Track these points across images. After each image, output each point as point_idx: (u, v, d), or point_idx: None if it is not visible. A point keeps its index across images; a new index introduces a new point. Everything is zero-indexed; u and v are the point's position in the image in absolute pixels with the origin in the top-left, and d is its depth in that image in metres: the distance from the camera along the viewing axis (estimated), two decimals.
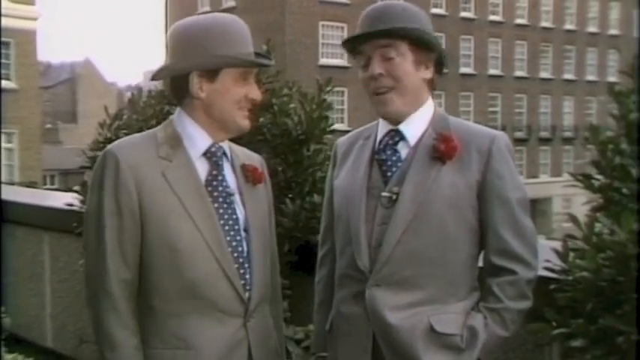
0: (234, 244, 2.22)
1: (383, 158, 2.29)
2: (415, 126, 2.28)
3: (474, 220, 2.22)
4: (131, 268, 2.18)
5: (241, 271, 2.21)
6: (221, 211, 2.22)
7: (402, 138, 2.28)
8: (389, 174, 2.27)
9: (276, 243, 2.50)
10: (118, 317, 2.15)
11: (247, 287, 2.22)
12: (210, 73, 2.19)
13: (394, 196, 2.22)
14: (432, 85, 2.31)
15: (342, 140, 2.50)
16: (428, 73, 2.27)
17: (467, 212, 2.21)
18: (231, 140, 2.36)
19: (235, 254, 2.21)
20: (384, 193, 2.25)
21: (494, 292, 2.21)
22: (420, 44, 2.23)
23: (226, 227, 2.21)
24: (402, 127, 2.27)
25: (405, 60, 2.21)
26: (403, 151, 2.28)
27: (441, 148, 2.21)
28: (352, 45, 2.28)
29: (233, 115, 2.22)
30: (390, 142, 2.29)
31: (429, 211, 2.19)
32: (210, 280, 2.16)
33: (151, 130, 2.34)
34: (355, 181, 2.30)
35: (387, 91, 2.22)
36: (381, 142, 2.31)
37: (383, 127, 2.32)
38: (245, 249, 2.24)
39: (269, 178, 2.47)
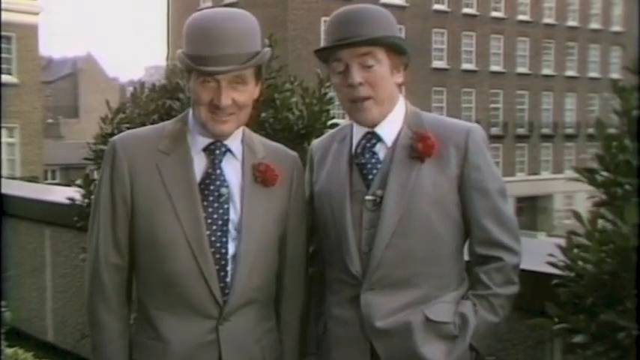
0: (217, 244, 2.20)
1: (362, 162, 2.29)
2: (390, 126, 2.29)
3: (457, 214, 2.25)
4: (123, 255, 2.24)
5: (221, 273, 2.19)
6: (210, 209, 2.20)
7: (379, 140, 2.29)
8: (370, 177, 2.27)
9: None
10: (106, 302, 2.23)
11: (226, 290, 2.20)
12: (187, 72, 2.19)
13: (378, 199, 2.23)
14: (401, 86, 2.32)
15: (316, 143, 2.50)
16: (400, 77, 2.29)
17: (450, 207, 2.24)
18: None
19: (217, 255, 2.19)
20: (368, 197, 2.25)
21: (481, 280, 2.24)
22: (396, 50, 2.24)
23: (214, 227, 2.20)
24: (377, 129, 2.28)
25: (382, 67, 2.21)
26: (381, 152, 2.29)
27: (418, 148, 2.22)
28: (327, 52, 2.26)
29: (203, 118, 2.18)
30: (367, 144, 2.29)
31: (414, 212, 2.20)
32: (186, 277, 2.17)
33: (163, 123, 2.37)
34: (337, 187, 2.30)
35: (364, 100, 2.22)
36: (358, 145, 2.31)
37: (358, 130, 2.32)
38: (231, 251, 2.21)
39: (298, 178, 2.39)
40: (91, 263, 2.26)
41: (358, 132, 2.32)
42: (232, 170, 2.26)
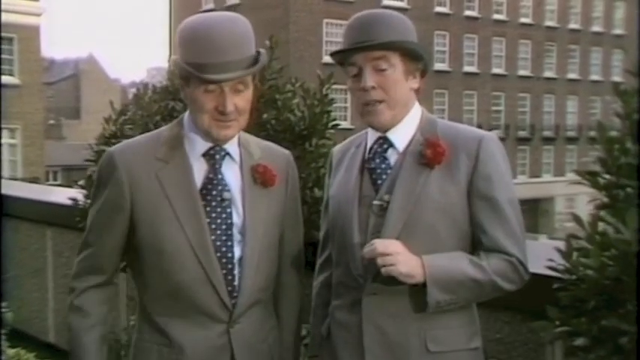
0: (223, 249, 2.20)
1: (372, 166, 2.27)
2: (403, 132, 2.27)
3: (466, 225, 2.20)
4: (106, 270, 2.28)
5: (229, 277, 2.20)
6: (213, 215, 2.20)
7: (391, 145, 2.27)
8: (379, 182, 2.25)
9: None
10: (84, 317, 2.25)
11: (234, 293, 2.20)
12: (185, 79, 2.17)
13: (385, 205, 2.21)
14: (418, 91, 2.30)
15: (336, 148, 2.49)
16: (415, 83, 2.27)
17: (459, 217, 2.19)
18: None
19: (224, 260, 2.19)
20: (375, 202, 2.23)
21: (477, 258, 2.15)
22: (410, 55, 2.23)
23: (218, 232, 2.20)
24: (389, 134, 2.27)
25: (395, 71, 2.20)
26: (392, 158, 2.27)
27: (427, 154, 2.19)
28: (342, 56, 2.26)
29: (206, 125, 2.16)
30: (379, 149, 2.28)
31: (419, 219, 2.17)
32: (194, 284, 2.17)
33: (158, 129, 2.36)
34: (347, 191, 2.30)
35: (376, 104, 2.21)
36: (370, 150, 2.30)
37: (372, 135, 2.32)
38: (237, 254, 2.22)
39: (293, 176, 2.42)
40: (72, 278, 2.30)
41: (372, 137, 2.31)
42: (232, 173, 2.26)
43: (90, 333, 2.24)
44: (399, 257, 2.08)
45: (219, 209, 2.21)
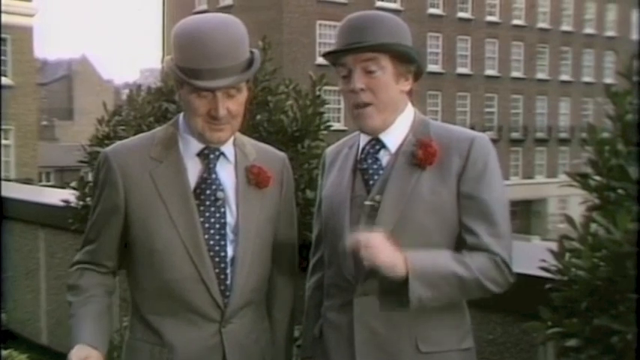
0: (216, 248, 2.21)
1: (364, 167, 2.28)
2: (395, 134, 2.27)
3: (458, 225, 2.20)
4: (109, 265, 2.30)
5: (221, 276, 2.21)
6: (207, 214, 2.21)
7: (383, 146, 2.27)
8: (371, 182, 2.26)
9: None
10: (78, 295, 2.25)
11: (227, 292, 2.21)
12: (179, 82, 2.17)
13: (376, 205, 2.21)
14: (410, 93, 2.30)
15: (329, 149, 2.50)
16: (407, 85, 2.27)
17: (450, 218, 2.19)
18: None
19: (217, 259, 2.20)
20: (367, 202, 2.24)
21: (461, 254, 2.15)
22: (401, 58, 2.22)
23: (211, 231, 2.21)
24: (382, 135, 2.27)
25: (385, 73, 2.20)
26: (384, 158, 2.27)
27: (419, 155, 2.20)
28: (334, 57, 2.26)
29: (199, 128, 2.17)
30: (371, 150, 2.28)
31: (410, 219, 2.17)
32: (186, 283, 2.18)
33: (153, 130, 2.37)
34: (340, 191, 2.30)
35: (365, 106, 2.21)
36: (362, 150, 2.30)
37: (364, 136, 2.32)
38: (229, 254, 2.22)
39: (288, 178, 2.42)
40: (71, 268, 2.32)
41: (364, 138, 2.32)
42: (226, 173, 2.27)
43: (85, 305, 2.23)
44: (381, 247, 2.06)
45: (212, 208, 2.22)
